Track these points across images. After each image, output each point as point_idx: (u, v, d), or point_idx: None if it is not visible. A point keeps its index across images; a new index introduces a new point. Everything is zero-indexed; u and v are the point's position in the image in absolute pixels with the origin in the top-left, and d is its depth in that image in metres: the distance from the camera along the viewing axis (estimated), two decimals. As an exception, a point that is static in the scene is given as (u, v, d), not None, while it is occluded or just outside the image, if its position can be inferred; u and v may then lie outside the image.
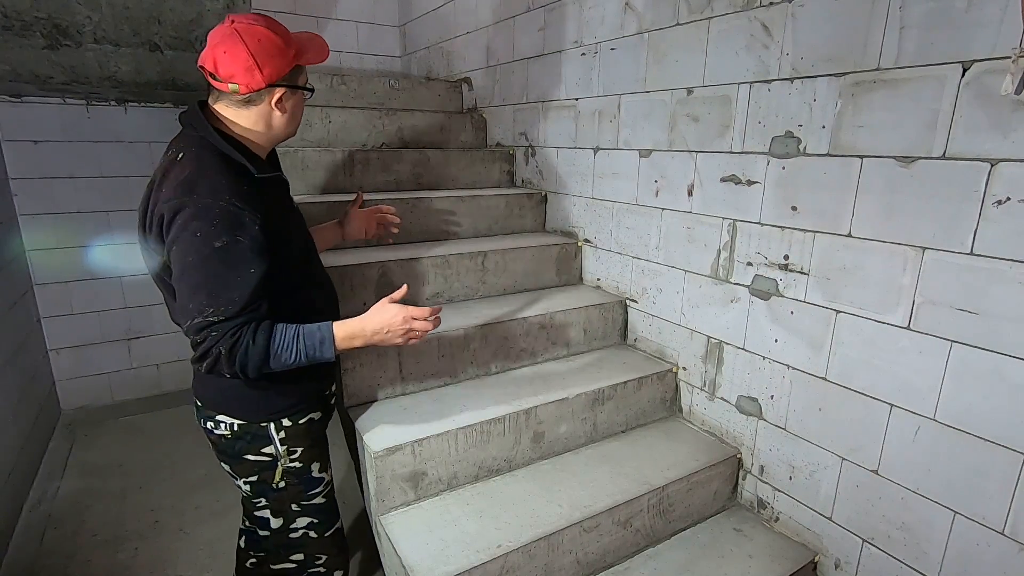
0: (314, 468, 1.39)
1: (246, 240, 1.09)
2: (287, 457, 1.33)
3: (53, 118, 2.96)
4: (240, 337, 1.10)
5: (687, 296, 1.91)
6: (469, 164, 2.64)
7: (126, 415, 3.31)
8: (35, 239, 3.04)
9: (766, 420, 1.70)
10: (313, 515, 1.42)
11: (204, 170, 1.10)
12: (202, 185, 1.08)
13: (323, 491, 1.44)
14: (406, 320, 1.24)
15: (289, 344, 1.15)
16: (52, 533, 2.31)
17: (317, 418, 1.40)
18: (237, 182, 1.11)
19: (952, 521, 1.30)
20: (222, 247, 1.06)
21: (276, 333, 1.15)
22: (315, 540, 1.45)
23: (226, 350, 1.09)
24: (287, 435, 1.32)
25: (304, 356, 1.17)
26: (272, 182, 1.25)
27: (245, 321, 1.11)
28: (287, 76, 1.17)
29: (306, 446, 1.36)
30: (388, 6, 3.63)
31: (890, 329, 1.36)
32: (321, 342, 1.18)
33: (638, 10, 1.92)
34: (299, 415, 1.34)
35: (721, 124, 1.70)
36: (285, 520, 1.40)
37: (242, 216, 1.08)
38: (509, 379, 1.87)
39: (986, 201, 1.16)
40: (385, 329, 1.23)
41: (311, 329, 1.19)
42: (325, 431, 1.47)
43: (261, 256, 1.12)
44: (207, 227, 1.06)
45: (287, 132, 1.26)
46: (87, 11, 2.15)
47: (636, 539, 1.61)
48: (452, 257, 2.05)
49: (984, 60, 1.14)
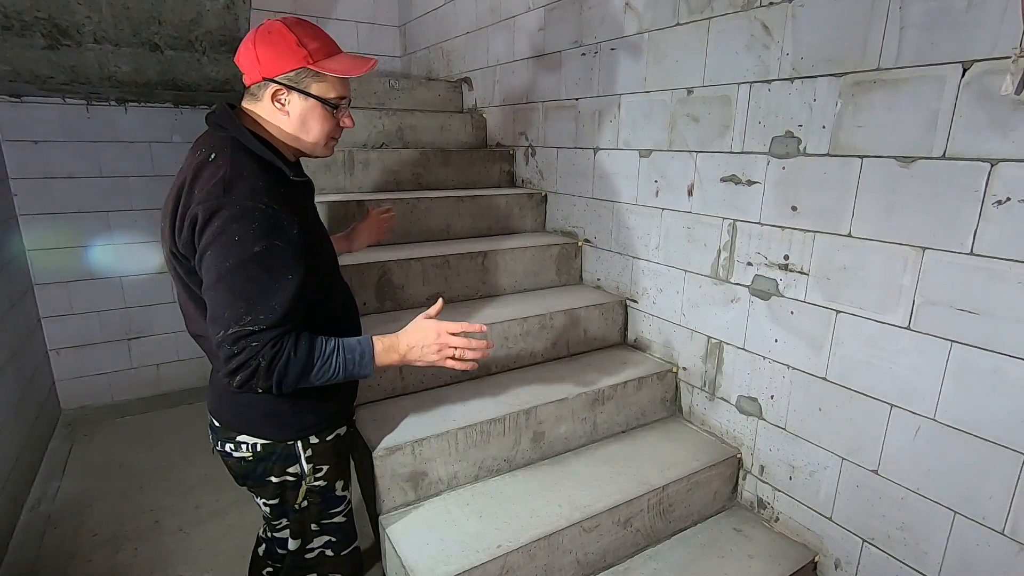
0: (338, 486, 1.34)
1: (285, 245, 1.04)
2: (312, 476, 1.28)
3: (53, 118, 2.96)
4: (281, 348, 1.04)
5: (687, 296, 1.91)
6: (469, 164, 2.64)
7: (126, 415, 3.31)
8: (35, 239, 3.04)
9: (766, 420, 1.70)
10: (332, 534, 1.37)
11: (240, 171, 1.04)
12: (239, 186, 1.02)
13: (343, 510, 1.38)
14: (440, 334, 1.19)
15: (329, 357, 1.11)
16: (52, 533, 2.31)
17: (343, 434, 1.36)
18: (275, 184, 1.08)
19: (952, 521, 1.30)
20: (261, 251, 1.01)
21: (316, 347, 1.10)
22: (331, 559, 1.39)
23: (266, 362, 1.03)
24: (314, 452, 1.27)
25: (343, 371, 1.12)
26: (303, 187, 1.22)
27: (285, 331, 1.06)
28: (290, 76, 1.10)
29: (332, 463, 1.31)
30: (388, 6, 3.63)
31: (890, 329, 1.36)
32: (361, 356, 1.14)
33: (638, 10, 1.92)
34: (327, 431, 1.29)
35: (721, 124, 1.70)
36: (303, 541, 1.35)
37: (280, 220, 1.04)
38: (509, 379, 1.87)
39: (986, 201, 1.16)
40: (421, 344, 1.18)
41: (351, 343, 1.14)
42: (347, 449, 1.41)
43: (299, 262, 1.08)
44: (246, 231, 1.00)
45: (303, 142, 1.18)
46: (87, 11, 2.15)
47: (636, 539, 1.61)
48: (452, 257, 2.05)
49: (984, 60, 1.14)
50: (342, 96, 1.17)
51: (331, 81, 1.13)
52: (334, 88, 1.14)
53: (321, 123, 1.16)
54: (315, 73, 1.11)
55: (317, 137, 1.18)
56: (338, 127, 1.20)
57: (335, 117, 1.18)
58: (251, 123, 1.16)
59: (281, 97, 1.12)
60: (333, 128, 1.19)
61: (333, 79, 1.13)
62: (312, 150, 1.20)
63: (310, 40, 1.11)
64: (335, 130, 1.20)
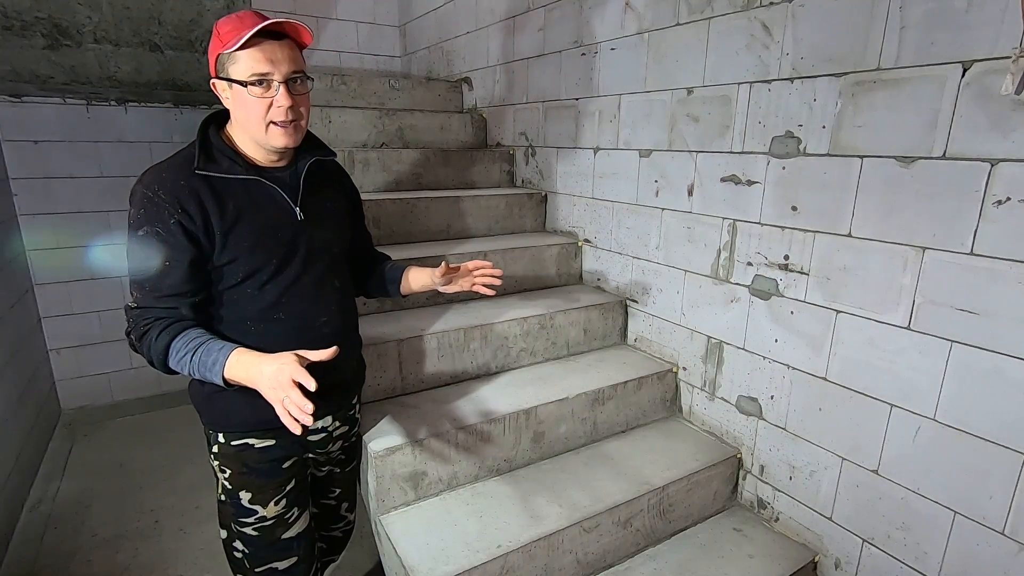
0: (243, 496, 1.25)
1: (163, 232, 1.07)
2: (219, 471, 1.27)
3: (53, 118, 2.97)
4: (149, 331, 1.10)
5: (687, 296, 1.91)
6: (469, 164, 2.64)
7: (126, 415, 3.31)
8: (35, 239, 3.04)
9: (766, 420, 1.70)
10: (245, 544, 1.30)
11: (162, 162, 1.14)
12: (145, 176, 1.11)
13: (255, 524, 1.27)
14: (284, 378, 0.99)
15: (187, 354, 1.08)
16: (52, 533, 2.31)
17: (258, 446, 1.24)
18: (177, 175, 1.10)
19: (952, 521, 1.30)
20: (143, 235, 1.08)
21: (180, 338, 1.09)
22: (248, 570, 1.33)
23: (136, 338, 1.11)
24: (219, 451, 1.25)
25: (196, 372, 1.09)
26: (243, 184, 1.14)
27: (159, 316, 1.10)
28: (217, 67, 1.10)
29: (235, 471, 1.24)
30: (388, 6, 3.63)
31: (890, 329, 1.36)
32: (213, 364, 1.07)
33: (638, 10, 1.92)
34: (233, 436, 1.23)
35: (721, 124, 1.70)
36: (228, 535, 1.32)
37: (162, 208, 1.07)
38: (509, 379, 1.87)
39: (986, 201, 1.16)
40: (269, 377, 1.02)
41: (212, 349, 1.08)
42: (279, 465, 1.28)
43: (179, 252, 1.08)
44: (135, 213, 1.09)
45: (247, 129, 1.13)
46: (87, 11, 2.15)
47: (636, 539, 1.61)
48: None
49: (984, 60, 1.14)
50: (258, 72, 1.06)
51: (241, 59, 1.06)
52: (248, 66, 1.06)
53: (250, 107, 1.09)
54: (228, 55, 1.07)
55: (254, 123, 1.10)
56: (277, 109, 1.09)
57: (265, 97, 1.08)
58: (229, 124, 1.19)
59: (218, 91, 1.13)
60: (267, 110, 1.09)
61: (244, 56, 1.05)
62: (261, 140, 1.13)
63: (224, 25, 1.08)
64: (273, 112, 1.09)
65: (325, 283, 1.27)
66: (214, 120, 1.19)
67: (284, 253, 1.18)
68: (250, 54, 1.05)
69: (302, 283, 1.22)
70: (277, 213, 1.18)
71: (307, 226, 1.22)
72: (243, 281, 1.15)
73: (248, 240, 1.13)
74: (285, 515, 1.30)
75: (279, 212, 1.19)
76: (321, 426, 1.34)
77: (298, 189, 1.21)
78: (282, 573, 1.33)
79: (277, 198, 1.19)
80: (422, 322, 1.86)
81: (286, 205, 1.19)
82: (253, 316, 1.18)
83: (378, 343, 1.69)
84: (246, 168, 1.15)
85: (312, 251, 1.23)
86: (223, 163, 1.13)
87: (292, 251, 1.19)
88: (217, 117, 1.20)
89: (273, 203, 1.18)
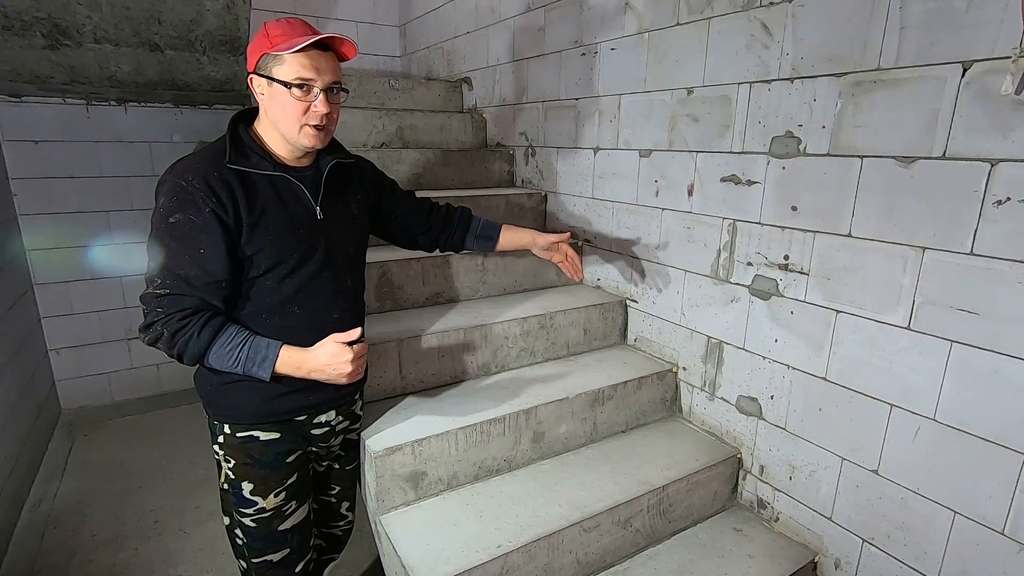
0: (245, 488, 1.30)
1: (197, 219, 1.10)
2: (224, 461, 1.31)
3: (53, 118, 2.97)
4: (188, 325, 1.11)
5: (687, 296, 1.91)
6: (469, 164, 2.64)
7: (126, 415, 3.31)
8: (35, 239, 3.04)
9: (766, 420, 1.70)
10: (244, 534, 1.35)
11: (193, 155, 1.17)
12: (178, 166, 1.14)
13: (254, 516, 1.32)
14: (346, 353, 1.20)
15: (233, 349, 1.14)
16: (52, 533, 2.31)
17: (264, 439, 1.29)
18: (210, 167, 1.13)
19: (952, 521, 1.30)
20: (175, 223, 1.09)
21: (223, 333, 1.14)
22: (246, 559, 1.39)
23: (169, 333, 1.11)
24: (225, 442, 1.29)
25: (242, 367, 1.15)
26: (269, 179, 1.19)
27: (196, 309, 1.12)
28: (258, 65, 1.15)
29: (239, 462, 1.29)
30: (388, 6, 3.63)
31: (890, 329, 1.36)
32: (263, 360, 1.16)
33: (638, 10, 1.92)
34: (239, 427, 1.27)
35: (721, 124, 1.70)
36: (231, 522, 1.38)
37: (196, 196, 1.09)
38: (509, 379, 1.87)
39: (986, 201, 1.16)
40: (331, 366, 1.19)
41: (260, 344, 1.17)
42: (283, 459, 1.33)
43: (215, 240, 1.11)
44: (167, 201, 1.11)
45: (281, 130, 1.19)
46: (87, 11, 2.15)
47: (636, 539, 1.61)
48: (452, 257, 2.05)
49: (984, 60, 1.13)
50: (303, 77, 1.13)
51: (288, 62, 1.12)
52: (293, 70, 1.12)
53: (288, 107, 1.15)
54: (275, 56, 1.13)
55: (289, 122, 1.16)
56: (314, 113, 1.16)
57: (304, 101, 1.14)
58: (257, 121, 1.24)
59: (254, 86, 1.18)
60: (304, 112, 1.15)
61: (291, 60, 1.12)
62: (291, 138, 1.19)
63: (274, 28, 1.15)
64: (310, 116, 1.16)
65: (340, 281, 1.33)
66: (241, 118, 1.24)
67: (305, 249, 1.24)
68: (298, 59, 1.12)
69: (320, 279, 1.27)
70: (299, 210, 1.24)
71: (326, 225, 1.28)
72: (265, 273, 1.20)
73: (272, 234, 1.18)
74: (283, 507, 1.35)
75: (301, 210, 1.24)
76: (324, 419, 1.38)
77: (319, 189, 1.27)
78: (276, 565, 1.38)
79: (300, 196, 1.25)
80: (422, 322, 1.86)
81: (308, 204, 1.26)
82: (270, 308, 1.23)
83: (378, 343, 1.69)
84: (273, 165, 1.21)
85: (330, 249, 1.29)
86: (252, 159, 1.19)
87: (312, 248, 1.25)
88: (244, 115, 1.25)
89: (296, 200, 1.24)
